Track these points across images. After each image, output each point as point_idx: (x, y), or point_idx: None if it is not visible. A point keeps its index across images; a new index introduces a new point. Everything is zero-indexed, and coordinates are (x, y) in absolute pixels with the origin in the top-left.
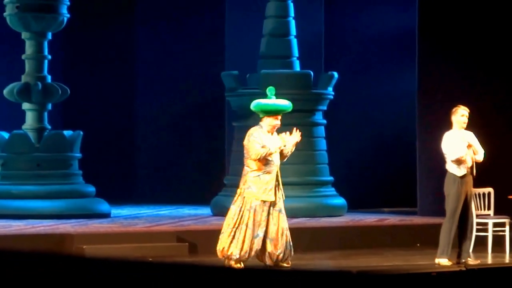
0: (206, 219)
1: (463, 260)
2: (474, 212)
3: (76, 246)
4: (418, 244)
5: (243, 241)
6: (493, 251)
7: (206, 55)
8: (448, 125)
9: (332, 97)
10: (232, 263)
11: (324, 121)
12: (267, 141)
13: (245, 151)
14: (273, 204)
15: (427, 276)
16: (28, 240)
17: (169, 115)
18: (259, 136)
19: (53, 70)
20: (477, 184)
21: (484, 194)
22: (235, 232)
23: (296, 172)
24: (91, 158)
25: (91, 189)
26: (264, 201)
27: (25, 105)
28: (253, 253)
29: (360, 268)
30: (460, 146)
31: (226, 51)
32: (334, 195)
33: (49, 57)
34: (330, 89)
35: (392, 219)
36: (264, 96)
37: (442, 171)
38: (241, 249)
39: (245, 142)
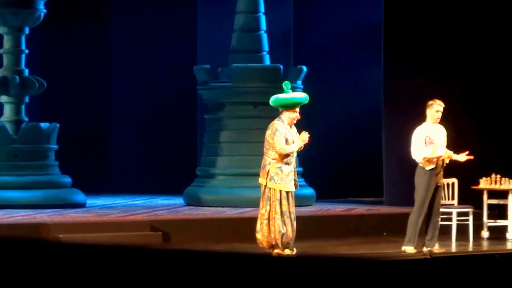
0: (179, 208)
1: (429, 249)
2: (440, 202)
3: (52, 235)
4: (385, 233)
5: (280, 229)
6: (457, 239)
7: (178, 50)
8: (413, 117)
9: (301, 90)
10: (280, 251)
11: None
12: (289, 135)
13: (266, 143)
14: (292, 193)
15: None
16: (5, 229)
17: (142, 108)
18: (283, 131)
19: (30, 64)
20: (443, 175)
21: (448, 184)
22: (271, 223)
23: None
24: (67, 150)
25: (67, 179)
26: (287, 192)
27: (3, 98)
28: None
29: (328, 256)
30: (422, 148)
31: (198, 45)
32: (303, 185)
33: (27, 51)
34: (299, 82)
35: (359, 209)
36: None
37: (407, 162)
38: (281, 237)
39: (268, 135)
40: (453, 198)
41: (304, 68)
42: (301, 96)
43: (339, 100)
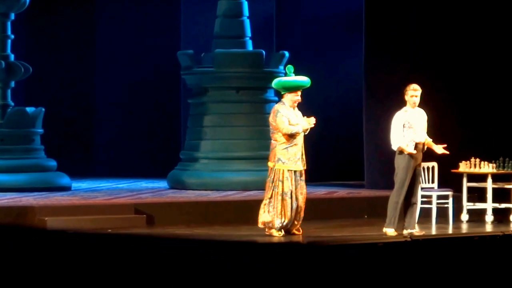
0: (163, 192)
1: (409, 231)
2: (420, 185)
3: (38, 218)
4: (366, 216)
5: (281, 211)
6: (437, 222)
7: (162, 35)
8: (393, 101)
9: (283, 75)
10: (274, 232)
11: (276, 98)
12: (292, 116)
13: (271, 127)
14: (300, 173)
15: (373, 246)
16: None
17: (127, 92)
18: (285, 112)
19: (16, 49)
20: (422, 159)
21: (428, 168)
22: (273, 204)
23: (249, 147)
24: (53, 134)
25: (53, 163)
26: (294, 171)
27: None
28: (292, 221)
29: (310, 239)
30: (400, 135)
31: (181, 31)
32: None
33: (12, 36)
34: (281, 67)
35: (340, 192)
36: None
37: (388, 146)
38: (281, 219)
39: (271, 119)
40: (433, 182)
41: (286, 54)
42: (304, 79)
43: (320, 85)
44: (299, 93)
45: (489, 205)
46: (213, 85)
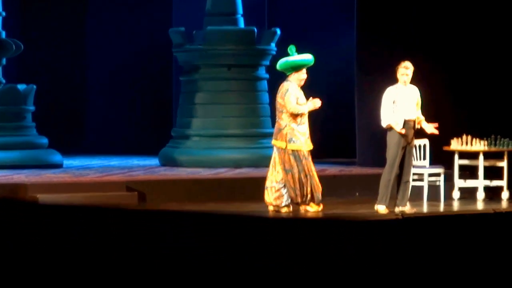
0: (155, 169)
1: (400, 209)
2: (412, 163)
3: (30, 195)
4: (357, 194)
5: (292, 189)
6: (428, 200)
7: (154, 12)
8: (385, 79)
9: (274, 52)
10: (283, 209)
11: (267, 76)
12: (300, 95)
13: (279, 106)
14: (308, 153)
15: (366, 223)
16: None
17: (118, 69)
18: (294, 92)
19: (7, 26)
20: (414, 136)
21: (420, 145)
22: (284, 184)
23: (240, 124)
24: (44, 111)
25: (44, 140)
26: (304, 151)
27: None
28: (303, 198)
29: (301, 216)
30: (390, 112)
31: (173, 8)
32: None
33: (4, 13)
34: (273, 45)
35: (332, 170)
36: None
37: (379, 123)
38: (292, 196)
39: (279, 98)
40: (424, 159)
41: (278, 31)
42: (308, 57)
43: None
44: (305, 71)
45: (480, 183)
46: (204, 62)
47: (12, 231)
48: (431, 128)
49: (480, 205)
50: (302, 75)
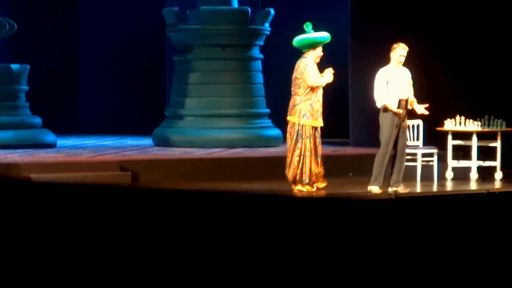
0: (148, 149)
1: (394, 189)
2: (406, 143)
3: (23, 175)
4: (351, 174)
5: (310, 166)
6: (421, 180)
7: None
8: (379, 58)
9: (268, 32)
10: (305, 188)
11: (261, 56)
12: (317, 71)
13: (296, 82)
14: (314, 130)
15: (359, 204)
16: None
17: (112, 49)
18: (313, 66)
19: (1, 6)
20: (407, 116)
21: (413, 126)
22: (302, 159)
23: (234, 104)
24: (38, 91)
25: (38, 120)
26: (315, 128)
27: None
28: (315, 175)
29: (295, 195)
30: (384, 93)
31: None
32: (270, 127)
33: None
34: (267, 25)
35: (325, 150)
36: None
37: (372, 104)
38: (310, 173)
39: (297, 74)
40: (418, 140)
41: (272, 11)
42: (325, 35)
43: None
44: (321, 48)
45: (474, 163)
46: (198, 42)
47: (6, 210)
48: (421, 109)
49: (473, 185)
50: (319, 52)
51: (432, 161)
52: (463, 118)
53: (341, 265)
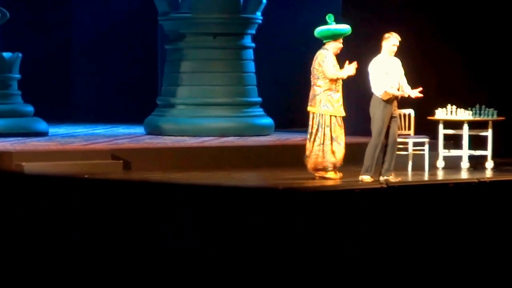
0: (140, 137)
1: (385, 178)
2: (397, 133)
3: (15, 163)
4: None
5: (333, 153)
6: (413, 169)
7: None
8: (370, 48)
9: (260, 21)
10: (329, 174)
11: (253, 45)
12: (335, 63)
13: (316, 72)
14: (341, 119)
15: (350, 193)
16: None
17: (104, 37)
18: (331, 58)
19: None
20: (398, 105)
21: (405, 115)
22: (323, 148)
23: (226, 93)
24: (30, 79)
25: (30, 108)
26: (337, 117)
27: None
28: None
29: (286, 185)
30: (383, 81)
31: None
32: (262, 115)
33: None
34: (259, 13)
35: None
36: None
37: (363, 93)
38: (334, 161)
39: (316, 65)
40: (409, 129)
41: (264, 0)
42: (346, 27)
43: (298, 30)
44: (341, 40)
45: (465, 152)
46: (190, 31)
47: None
48: (415, 92)
49: (464, 175)
50: (339, 44)
51: (423, 150)
52: (454, 107)
53: (333, 254)
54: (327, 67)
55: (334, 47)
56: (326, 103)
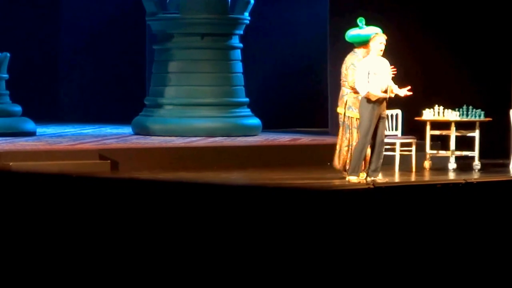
0: (127, 138)
1: (372, 179)
2: (384, 133)
3: (3, 163)
4: (329, 163)
5: (336, 154)
6: (400, 170)
7: None
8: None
9: (248, 21)
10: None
11: (241, 45)
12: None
13: (344, 76)
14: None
15: (337, 193)
16: None
17: (92, 37)
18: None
19: None
20: (386, 106)
21: (392, 115)
22: (350, 149)
23: (213, 94)
24: (18, 79)
25: (18, 108)
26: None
27: None
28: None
29: (274, 185)
30: (368, 82)
31: None
32: (250, 116)
33: None
34: (246, 14)
35: (304, 139)
36: None
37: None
38: (334, 161)
39: (343, 69)
40: (396, 129)
41: (252, 0)
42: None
43: (286, 32)
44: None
45: (452, 153)
46: (178, 31)
47: None
48: (404, 91)
49: (451, 175)
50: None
51: (410, 150)
52: (441, 108)
53: (317, 256)
54: (349, 75)
55: (364, 51)
56: (351, 106)
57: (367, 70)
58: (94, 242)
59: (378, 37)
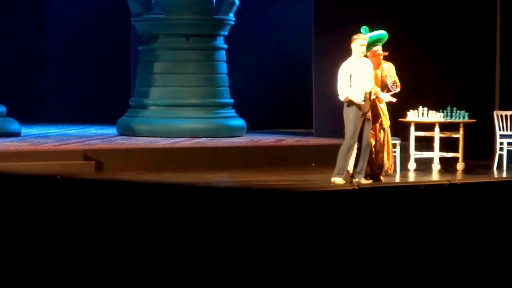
0: (112, 138)
1: (357, 180)
2: (369, 135)
3: None
4: (313, 164)
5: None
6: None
7: None
8: (343, 48)
9: (233, 22)
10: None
11: (225, 46)
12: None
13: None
14: (380, 129)
15: (322, 194)
16: None
17: (77, 38)
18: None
19: None
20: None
21: None
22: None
23: (198, 94)
24: (2, 79)
25: (2, 109)
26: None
27: None
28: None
29: (259, 186)
30: (347, 86)
31: None
32: (234, 117)
33: None
34: (231, 15)
35: (289, 140)
36: None
37: (336, 95)
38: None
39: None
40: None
41: (236, 1)
42: (382, 32)
43: (270, 33)
44: (379, 47)
45: (436, 154)
46: (163, 32)
47: None
48: (388, 96)
49: (435, 176)
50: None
51: (394, 152)
52: (425, 109)
53: (303, 256)
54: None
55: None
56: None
57: (349, 73)
58: (78, 243)
59: (358, 39)
